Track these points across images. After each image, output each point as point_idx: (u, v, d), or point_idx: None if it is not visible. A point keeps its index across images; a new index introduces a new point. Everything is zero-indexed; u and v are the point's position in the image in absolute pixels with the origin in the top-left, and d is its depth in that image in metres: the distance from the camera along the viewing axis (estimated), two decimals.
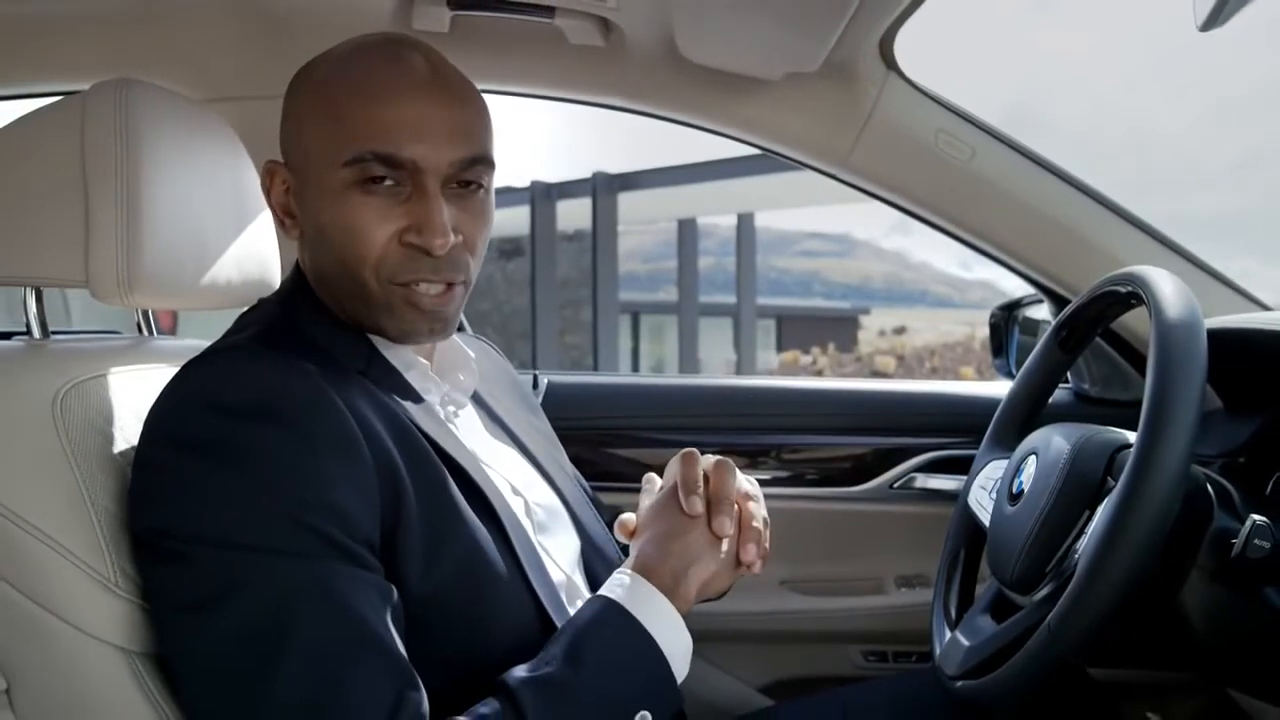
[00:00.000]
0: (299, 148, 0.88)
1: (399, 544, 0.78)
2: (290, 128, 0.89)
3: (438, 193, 0.83)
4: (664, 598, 0.82)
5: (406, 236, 0.83)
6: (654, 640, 0.80)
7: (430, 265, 0.84)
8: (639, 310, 16.69)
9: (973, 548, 1.16)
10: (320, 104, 0.85)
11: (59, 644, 0.79)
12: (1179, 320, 0.87)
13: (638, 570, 0.84)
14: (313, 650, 0.71)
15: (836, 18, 1.14)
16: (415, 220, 0.83)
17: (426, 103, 0.84)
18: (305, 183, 0.87)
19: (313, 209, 0.87)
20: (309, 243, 0.90)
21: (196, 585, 0.74)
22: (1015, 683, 0.90)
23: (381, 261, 0.84)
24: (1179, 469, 0.80)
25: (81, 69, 1.34)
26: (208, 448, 0.75)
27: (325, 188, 0.84)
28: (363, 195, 0.83)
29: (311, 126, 0.85)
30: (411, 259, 0.84)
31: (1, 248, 0.90)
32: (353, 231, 0.84)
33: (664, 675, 0.80)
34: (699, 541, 0.85)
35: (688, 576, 0.83)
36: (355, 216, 0.83)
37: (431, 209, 0.83)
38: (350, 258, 0.85)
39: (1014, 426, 1.18)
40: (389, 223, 0.83)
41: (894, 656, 1.55)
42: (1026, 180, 1.44)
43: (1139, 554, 0.81)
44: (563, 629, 0.82)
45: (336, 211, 0.84)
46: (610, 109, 1.44)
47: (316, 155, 0.85)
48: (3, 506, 0.78)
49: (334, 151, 0.83)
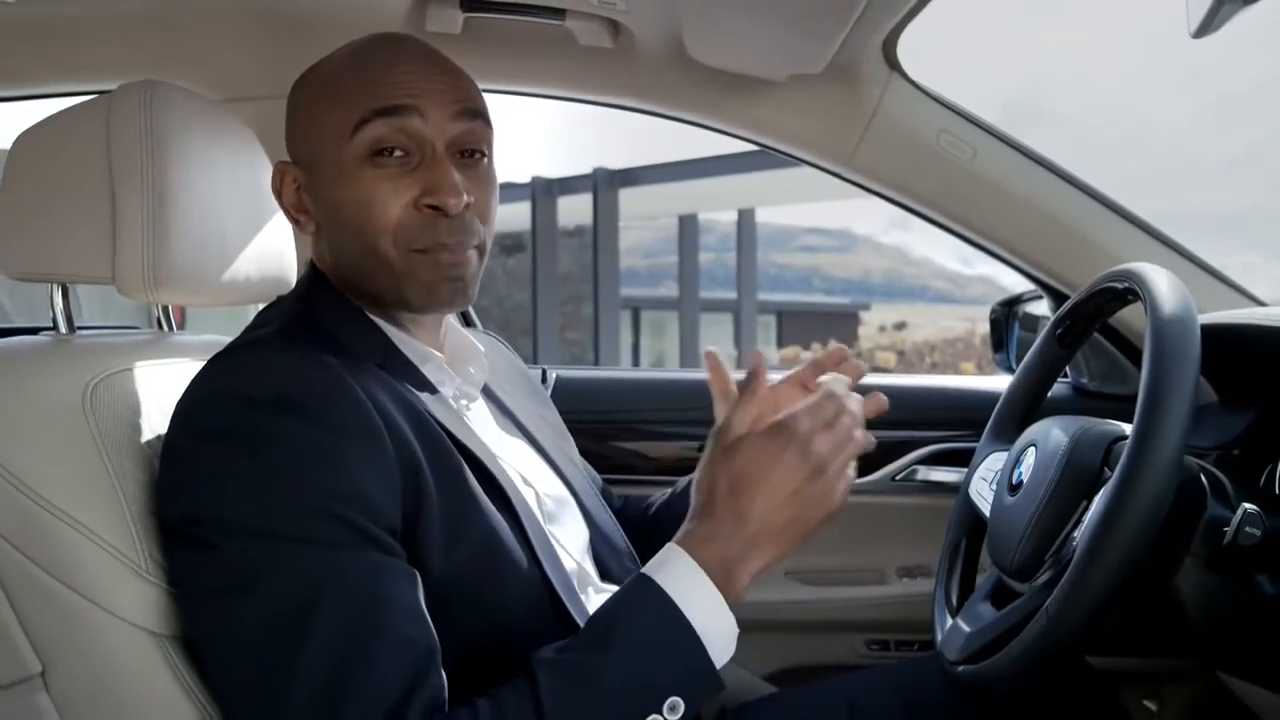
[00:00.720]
0: (306, 141, 0.91)
1: (420, 531, 0.80)
2: (297, 126, 0.92)
3: (446, 155, 0.86)
4: (708, 579, 0.77)
5: (422, 201, 0.86)
6: (689, 623, 0.76)
7: (446, 228, 0.87)
8: (639, 306, 16.65)
9: (973, 537, 1.18)
10: (322, 93, 0.89)
11: (92, 628, 0.81)
12: (1173, 315, 0.89)
13: (686, 545, 0.79)
14: (335, 634, 0.73)
15: (842, 20, 1.16)
16: (428, 184, 0.86)
17: (423, 67, 0.89)
18: (316, 172, 0.90)
19: (327, 194, 0.89)
20: (326, 231, 0.92)
21: (224, 572, 0.75)
22: (1015, 667, 0.91)
23: (400, 229, 0.87)
24: (1173, 459, 0.82)
25: (104, 70, 1.36)
26: (235, 438, 0.77)
27: (338, 168, 0.87)
28: (374, 169, 0.86)
29: (319, 116, 0.88)
30: (429, 224, 0.87)
31: (29, 245, 0.93)
32: (369, 204, 0.86)
33: (699, 659, 0.76)
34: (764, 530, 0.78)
35: (740, 566, 0.78)
36: (369, 189, 0.86)
37: (443, 170, 0.86)
38: (369, 231, 0.87)
39: (1014, 419, 1.19)
40: (403, 191, 0.86)
41: (896, 645, 1.56)
42: (1027, 179, 1.45)
43: (1134, 541, 0.82)
44: (601, 608, 0.81)
45: (351, 188, 0.87)
46: (619, 108, 1.46)
47: (326, 139, 0.88)
48: (37, 495, 0.80)
49: (341, 127, 0.86)
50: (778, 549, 0.79)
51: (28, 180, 0.93)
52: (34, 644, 0.82)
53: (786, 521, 0.78)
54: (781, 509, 0.78)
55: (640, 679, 0.75)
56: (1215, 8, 0.62)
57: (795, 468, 0.78)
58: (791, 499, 0.78)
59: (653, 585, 0.77)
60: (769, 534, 0.78)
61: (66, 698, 0.83)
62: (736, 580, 0.78)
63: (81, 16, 1.32)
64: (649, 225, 17.86)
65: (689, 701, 0.75)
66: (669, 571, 0.78)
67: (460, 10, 1.27)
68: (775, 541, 0.78)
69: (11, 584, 0.82)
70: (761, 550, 0.78)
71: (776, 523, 0.78)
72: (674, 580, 0.77)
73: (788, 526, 0.78)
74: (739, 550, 0.78)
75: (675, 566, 0.78)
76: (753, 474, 0.78)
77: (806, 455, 0.78)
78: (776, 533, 0.78)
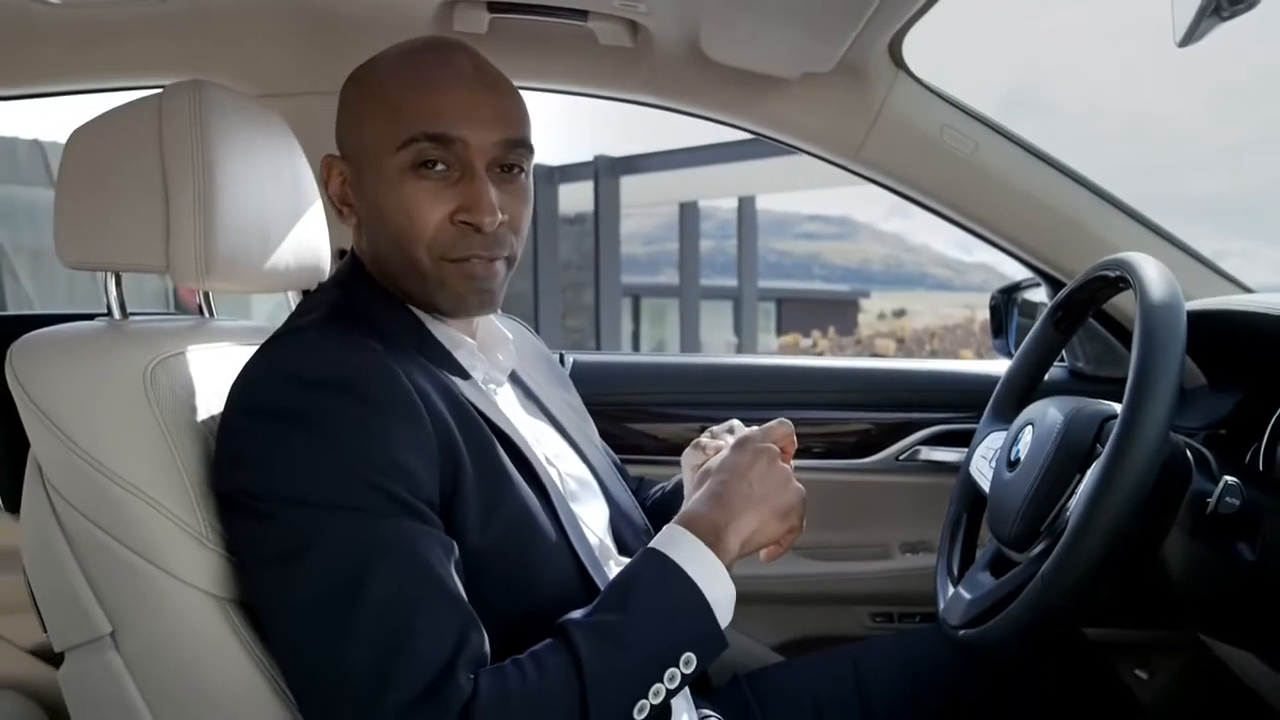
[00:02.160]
0: (357, 140, 0.94)
1: (457, 505, 0.84)
2: (348, 123, 0.95)
3: (485, 174, 0.90)
4: (707, 548, 0.86)
5: (458, 216, 0.90)
6: (698, 587, 0.84)
7: (480, 242, 0.91)
8: (640, 294, 16.48)
9: (974, 512, 1.21)
10: (377, 99, 0.92)
11: (158, 591, 0.85)
12: (1161, 302, 0.92)
13: (682, 523, 0.88)
14: (387, 596, 0.77)
15: (852, 22, 1.19)
16: (466, 201, 0.89)
17: (472, 91, 0.91)
18: (363, 172, 0.93)
19: (370, 195, 0.93)
20: (366, 228, 0.95)
21: (281, 540, 0.80)
22: (1012, 629, 0.95)
23: (435, 240, 0.90)
24: (1159, 435, 0.86)
25: (148, 67, 1.40)
26: (290, 416, 0.81)
27: (383, 174, 0.90)
28: (416, 180, 0.89)
29: (369, 120, 0.92)
30: (463, 237, 0.90)
31: (85, 237, 0.96)
32: (409, 213, 0.90)
33: (708, 620, 0.84)
34: (743, 497, 0.89)
35: (728, 530, 0.87)
36: (411, 199, 0.90)
37: (480, 189, 0.89)
38: (406, 238, 0.91)
39: (1012, 401, 1.22)
40: (442, 204, 0.90)
41: (899, 617, 1.59)
42: (1026, 171, 1.48)
43: (1123, 512, 0.86)
44: (616, 578, 0.87)
45: (393, 196, 0.90)
46: (637, 104, 1.49)
47: (374, 145, 0.91)
48: (106, 468, 0.84)
49: (391, 138, 0.89)
50: (758, 517, 0.90)
51: (83, 175, 0.96)
52: (104, 606, 0.87)
53: (761, 497, 0.90)
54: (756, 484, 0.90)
55: (660, 635, 0.83)
56: (1197, 21, 0.67)
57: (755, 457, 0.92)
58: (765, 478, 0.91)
59: (662, 556, 0.86)
60: (751, 501, 0.90)
61: (136, 656, 0.87)
62: (726, 540, 0.87)
63: (126, 16, 1.35)
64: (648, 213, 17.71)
65: (701, 657, 0.83)
66: (674, 545, 0.87)
67: (487, 11, 1.30)
68: (758, 509, 0.90)
69: (81, 550, 0.87)
70: (745, 515, 0.89)
71: (754, 496, 0.90)
72: (678, 550, 0.86)
73: (765, 500, 0.90)
74: (725, 517, 0.88)
75: (678, 540, 0.87)
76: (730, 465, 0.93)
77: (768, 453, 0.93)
78: (757, 502, 0.90)
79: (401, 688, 0.75)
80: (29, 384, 0.88)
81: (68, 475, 0.87)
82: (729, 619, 0.86)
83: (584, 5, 1.27)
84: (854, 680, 1.16)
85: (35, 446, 0.89)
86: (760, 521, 0.89)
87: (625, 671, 0.81)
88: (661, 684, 0.81)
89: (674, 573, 0.84)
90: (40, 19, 1.34)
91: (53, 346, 0.91)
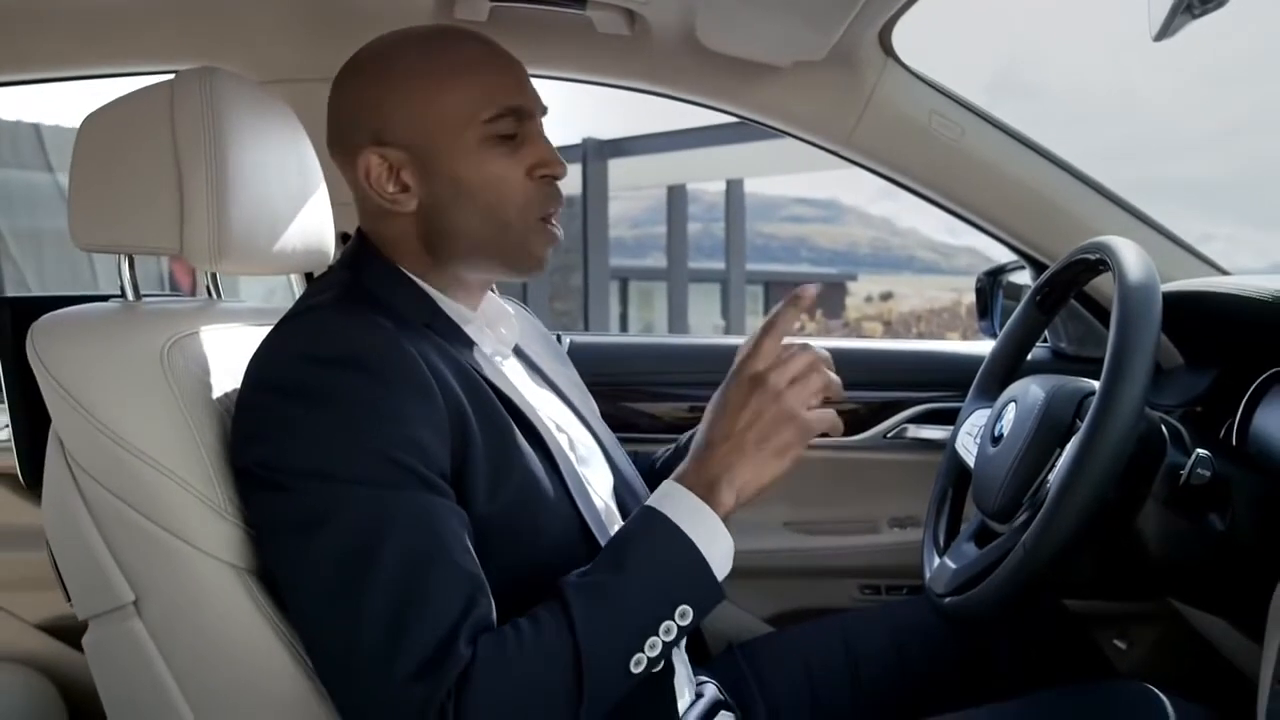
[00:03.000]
0: (418, 126, 0.94)
1: (467, 473, 0.86)
2: (394, 111, 0.94)
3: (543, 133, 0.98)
4: (701, 502, 0.86)
5: (537, 171, 0.96)
6: (690, 540, 0.85)
7: (555, 194, 0.98)
8: (627, 276, 16.47)
9: (959, 486, 1.24)
10: (433, 83, 0.94)
11: (180, 561, 0.88)
12: (1138, 284, 0.94)
13: (677, 478, 0.89)
14: (398, 565, 0.79)
15: (845, 11, 1.22)
16: (538, 157, 0.96)
17: (511, 64, 0.97)
18: (433, 153, 0.94)
19: (448, 173, 0.94)
20: (440, 206, 0.95)
21: (298, 512, 0.82)
22: (995, 596, 0.97)
23: (528, 202, 0.96)
24: (1135, 410, 0.88)
25: (155, 53, 1.41)
26: (307, 393, 0.84)
27: (460, 150, 0.94)
28: (493, 148, 0.94)
29: (435, 99, 0.93)
30: (544, 192, 0.97)
31: (99, 220, 0.97)
32: (500, 180, 0.95)
33: (702, 571, 0.85)
34: (733, 445, 0.88)
35: (720, 483, 0.87)
36: (496, 168, 0.94)
37: (548, 145, 0.98)
38: (499, 205, 0.95)
39: (996, 379, 1.25)
40: (518, 165, 0.95)
41: (887, 590, 1.62)
42: (1011, 156, 1.50)
43: (1100, 483, 0.89)
44: (612, 538, 0.90)
45: (478, 167, 0.94)
46: (633, 91, 1.51)
47: (445, 123, 0.93)
48: (127, 442, 0.87)
49: (469, 115, 0.93)
50: (755, 466, 0.87)
51: (96, 159, 0.97)
52: (126, 575, 0.89)
53: (755, 442, 0.87)
54: (747, 431, 0.87)
55: (653, 591, 0.84)
56: (1170, 17, 0.70)
57: (760, 401, 0.88)
58: (755, 423, 0.87)
59: (656, 512, 0.87)
60: (739, 450, 0.87)
61: (158, 624, 0.89)
62: (719, 492, 0.87)
63: (133, 4, 1.37)
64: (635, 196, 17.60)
65: (697, 609, 0.84)
66: (668, 501, 0.87)
67: (488, 1, 1.31)
68: (750, 458, 0.87)
69: (104, 521, 0.89)
70: (737, 466, 0.87)
71: (746, 443, 0.87)
72: (673, 506, 0.87)
73: (760, 443, 0.87)
74: (716, 469, 0.87)
75: (672, 495, 0.88)
76: (718, 409, 0.90)
77: (757, 382, 0.89)
78: (746, 448, 0.87)
79: (412, 651, 0.77)
80: (50, 362, 0.90)
81: (89, 449, 0.89)
82: (726, 570, 0.87)
83: None
84: (843, 648, 1.19)
85: (57, 421, 0.91)
86: (755, 469, 0.88)
87: (617, 626, 0.83)
88: (657, 637, 0.83)
89: (666, 527, 0.86)
90: (48, 6, 1.35)
91: (72, 326, 0.93)
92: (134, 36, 1.41)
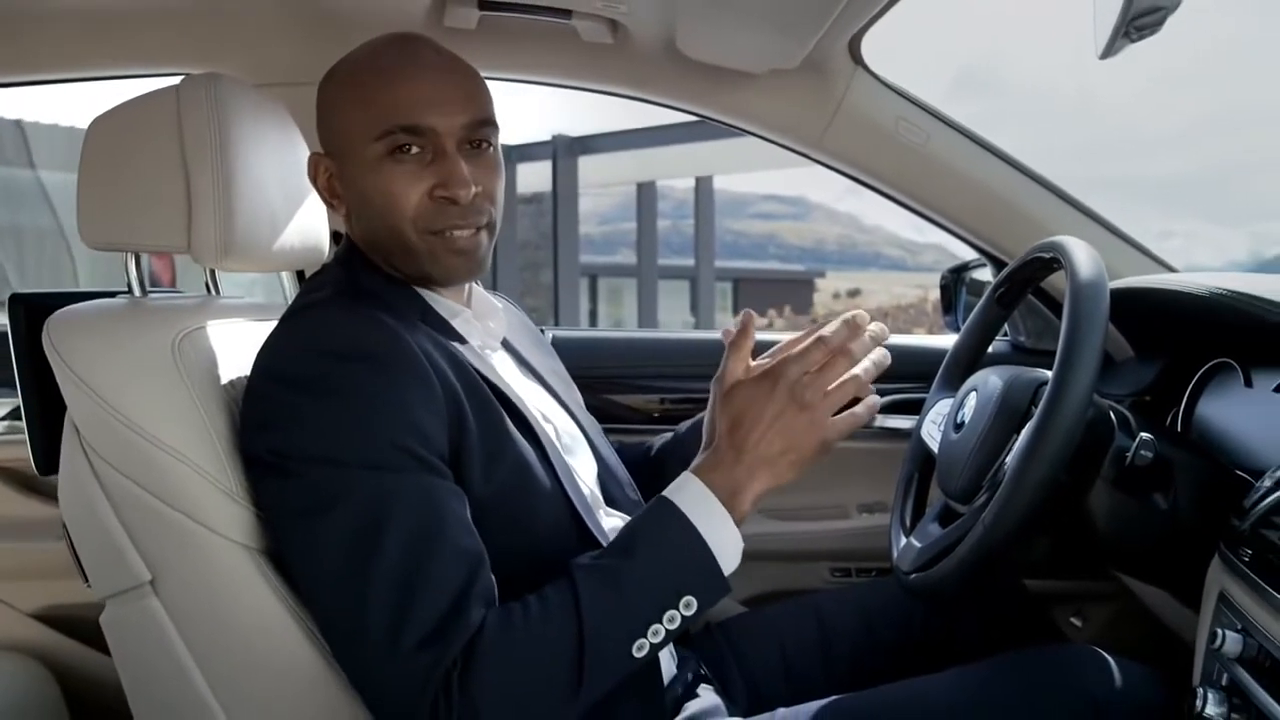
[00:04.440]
0: (337, 134, 1.00)
1: (463, 458, 0.91)
2: (327, 121, 1.01)
3: (455, 152, 0.97)
4: (722, 506, 0.88)
5: (436, 192, 0.97)
6: (701, 535, 0.87)
7: (458, 213, 0.98)
8: (597, 273, 16.33)
9: (924, 471, 1.27)
10: (350, 96, 0.98)
11: (194, 541, 0.92)
12: (1088, 281, 0.98)
13: (698, 473, 0.90)
14: (404, 543, 0.83)
15: (817, 23, 1.26)
16: (441, 178, 0.96)
17: (436, 80, 0.97)
18: (345, 162, 0.99)
19: (355, 183, 0.99)
20: (355, 215, 1.01)
21: (309, 495, 0.86)
22: (957, 572, 1.00)
23: (418, 216, 0.97)
24: (1084, 398, 0.92)
25: (155, 56, 1.44)
26: (314, 383, 0.88)
27: (363, 163, 0.97)
28: (394, 164, 0.96)
29: (346, 115, 0.98)
30: (442, 210, 0.97)
31: (107, 219, 1.01)
32: (391, 195, 0.96)
33: (709, 565, 0.87)
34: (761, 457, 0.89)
35: (744, 492, 0.89)
36: (391, 182, 0.96)
37: (453, 166, 0.96)
38: (392, 217, 0.97)
39: (959, 371, 1.28)
40: (420, 183, 0.96)
41: (856, 572, 1.66)
42: (973, 160, 1.55)
43: (1053, 465, 0.92)
44: (626, 524, 0.93)
45: (375, 181, 0.97)
46: (615, 96, 1.55)
47: (353, 138, 0.97)
48: (142, 429, 0.91)
49: (367, 130, 0.96)
50: (774, 475, 0.90)
51: (104, 161, 1.01)
52: (143, 555, 0.93)
53: (779, 452, 0.89)
54: (773, 441, 0.89)
55: (659, 579, 0.87)
56: (1112, 39, 0.76)
57: (783, 405, 0.89)
58: (781, 433, 0.89)
59: (669, 504, 0.89)
60: (764, 463, 0.89)
61: (174, 601, 0.93)
62: (741, 502, 0.89)
63: (135, 8, 1.39)
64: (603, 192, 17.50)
65: (701, 600, 0.87)
66: (683, 494, 0.90)
67: (477, 9, 1.35)
68: (771, 469, 0.89)
69: (120, 504, 0.92)
70: (760, 477, 0.89)
71: (770, 453, 0.89)
72: (688, 499, 0.89)
73: (781, 456, 0.89)
74: (741, 477, 0.89)
75: (689, 489, 0.90)
76: (747, 413, 0.90)
77: (793, 395, 0.89)
78: (771, 461, 0.89)
79: (416, 625, 0.81)
80: (66, 354, 0.93)
81: (105, 436, 0.92)
82: (735, 565, 0.89)
83: (568, 4, 1.33)
84: (816, 626, 1.23)
85: (73, 410, 0.95)
86: (775, 479, 0.90)
87: (623, 611, 0.86)
88: (661, 624, 0.86)
89: (679, 520, 0.88)
90: (50, 9, 1.37)
91: (86, 321, 0.97)
92: (132, 39, 1.44)
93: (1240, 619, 0.87)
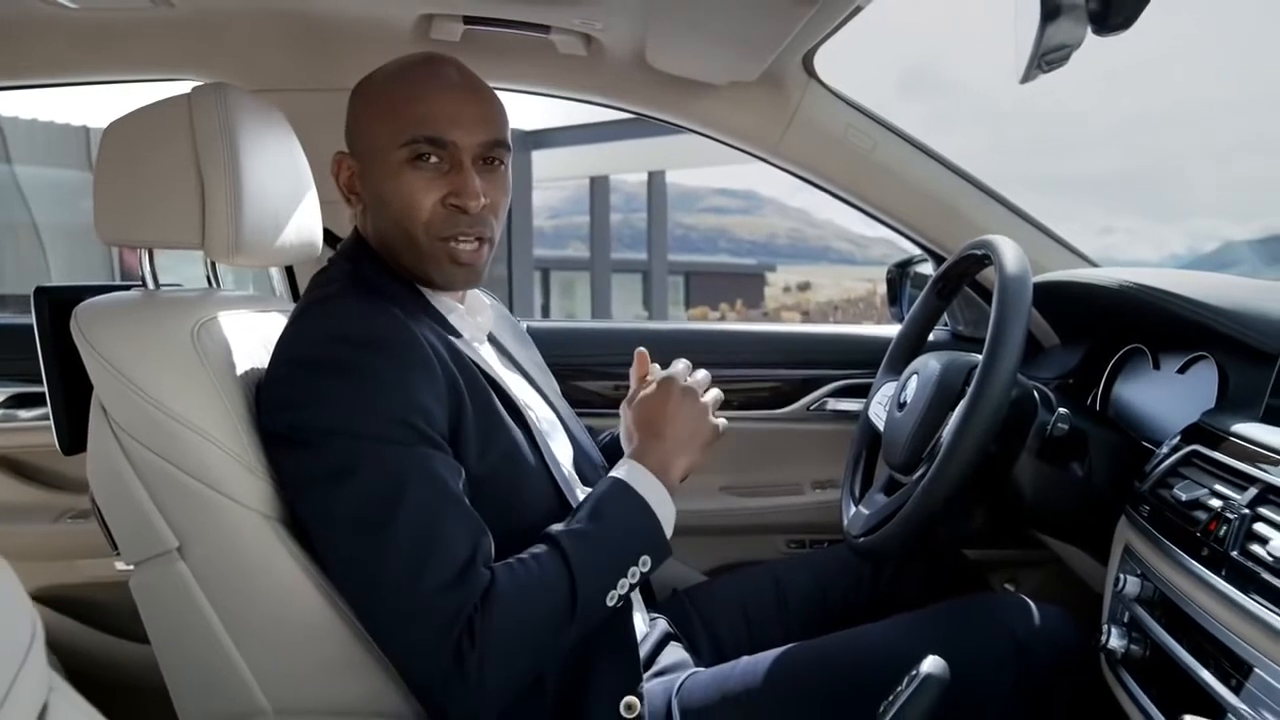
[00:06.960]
0: (364, 137, 1.07)
1: (460, 438, 0.99)
2: (356, 126, 1.09)
3: (470, 166, 1.05)
4: (654, 477, 1.05)
5: (448, 200, 1.04)
6: (650, 507, 1.02)
7: (466, 222, 1.05)
8: (549, 266, 16.13)
9: (872, 447, 1.37)
10: (380, 105, 1.06)
11: (217, 510, 0.98)
12: (1013, 275, 1.06)
13: (636, 457, 1.07)
14: (417, 507, 0.90)
15: (775, 41, 1.34)
16: (455, 187, 1.04)
17: (459, 98, 1.05)
18: (368, 164, 1.07)
19: (375, 184, 1.06)
20: (372, 212, 1.08)
21: (326, 466, 0.93)
22: (899, 534, 1.09)
23: (430, 221, 1.05)
24: (1008, 379, 1.01)
25: (154, 63, 1.49)
26: (333, 366, 0.95)
27: (385, 166, 1.04)
28: (413, 170, 1.04)
29: (374, 123, 1.06)
30: (452, 218, 1.05)
31: (123, 217, 1.06)
32: (408, 198, 1.04)
33: (657, 531, 1.03)
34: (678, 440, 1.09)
35: (672, 467, 1.07)
36: (409, 186, 1.04)
37: (467, 178, 1.04)
38: (405, 219, 1.05)
39: (903, 357, 1.37)
40: (435, 190, 1.04)
41: (810, 544, 1.75)
42: (915, 164, 1.65)
43: (981, 437, 1.01)
44: (585, 499, 1.04)
45: (395, 184, 1.04)
46: (588, 104, 1.62)
47: (379, 144, 1.05)
48: (169, 409, 0.97)
49: (393, 138, 1.03)
50: (688, 455, 1.10)
51: (119, 163, 1.05)
52: (170, 524, 0.99)
53: (689, 435, 1.10)
54: (681, 426, 1.10)
55: (623, 542, 1.00)
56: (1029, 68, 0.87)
57: (679, 398, 1.11)
58: (686, 420, 1.11)
59: (624, 483, 1.04)
60: (680, 444, 1.09)
61: (200, 566, 0.99)
62: (671, 476, 1.07)
63: (134, 18, 1.43)
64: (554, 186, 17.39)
65: (654, 558, 1.02)
66: (632, 475, 1.04)
67: (461, 23, 1.41)
68: (685, 450, 1.10)
69: (147, 478, 0.98)
70: (680, 457, 1.09)
71: (682, 435, 1.10)
72: (636, 478, 1.04)
73: (690, 439, 1.10)
74: (667, 458, 1.08)
75: (633, 471, 1.05)
76: (658, 411, 1.11)
77: (684, 391, 1.12)
78: (684, 443, 1.10)
79: (435, 573, 0.89)
80: (94, 340, 0.99)
81: (131, 414, 0.98)
82: (671, 531, 1.05)
83: (547, 20, 1.40)
84: (774, 589, 1.32)
85: (100, 391, 1.00)
86: (691, 459, 1.10)
87: (600, 565, 0.97)
88: (625, 579, 0.99)
89: (632, 494, 1.03)
90: (53, 18, 1.41)
91: (110, 310, 1.03)
92: (134, 48, 1.48)
93: (1140, 565, 0.98)
